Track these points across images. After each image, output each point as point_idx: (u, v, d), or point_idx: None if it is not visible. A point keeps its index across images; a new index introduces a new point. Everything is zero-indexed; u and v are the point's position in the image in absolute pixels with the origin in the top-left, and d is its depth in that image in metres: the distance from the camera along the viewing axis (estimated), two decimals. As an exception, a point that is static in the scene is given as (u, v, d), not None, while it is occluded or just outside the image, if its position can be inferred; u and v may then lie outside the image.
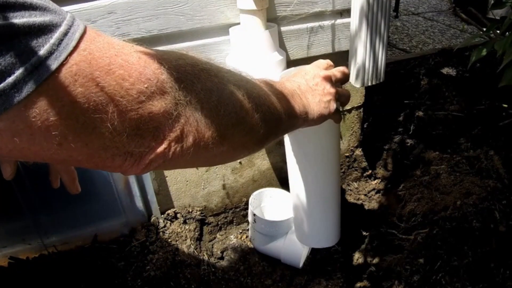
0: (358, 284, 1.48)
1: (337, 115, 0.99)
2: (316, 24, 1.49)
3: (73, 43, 0.42)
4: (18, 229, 1.45)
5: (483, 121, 1.64)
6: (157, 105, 0.49)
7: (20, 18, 0.38)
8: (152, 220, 1.59)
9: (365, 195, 1.86)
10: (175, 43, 1.35)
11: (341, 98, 0.98)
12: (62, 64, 0.40)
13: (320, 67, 0.98)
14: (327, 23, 1.50)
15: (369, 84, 1.54)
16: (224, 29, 1.37)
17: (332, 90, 0.92)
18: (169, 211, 1.62)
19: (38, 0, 0.40)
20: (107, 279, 1.41)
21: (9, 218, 1.42)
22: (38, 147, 0.42)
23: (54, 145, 0.43)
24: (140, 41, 1.28)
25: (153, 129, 0.50)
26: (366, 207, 1.83)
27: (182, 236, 1.57)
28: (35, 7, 0.40)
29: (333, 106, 0.92)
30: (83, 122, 0.43)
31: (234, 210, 1.77)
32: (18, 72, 0.37)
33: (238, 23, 1.33)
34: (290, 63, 1.44)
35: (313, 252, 1.64)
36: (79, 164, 0.48)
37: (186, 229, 1.60)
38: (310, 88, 0.88)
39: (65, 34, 0.42)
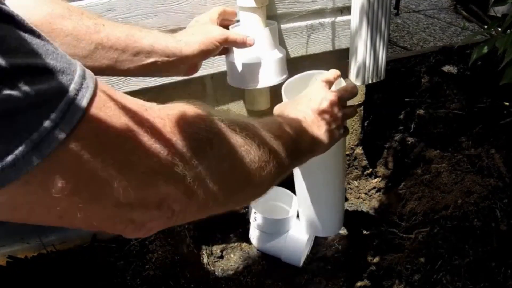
0: (359, 283, 1.48)
1: (345, 133, 0.99)
2: (316, 21, 1.48)
3: (79, 114, 0.38)
4: (16, 228, 1.44)
5: (484, 119, 1.64)
6: (164, 180, 0.47)
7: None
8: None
9: (366, 193, 1.86)
10: (174, 41, 1.34)
11: (347, 118, 0.98)
12: (64, 140, 0.36)
13: (328, 84, 0.96)
14: (327, 20, 1.50)
15: (370, 82, 1.54)
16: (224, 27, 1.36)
17: (339, 115, 0.91)
18: (168, 210, 1.61)
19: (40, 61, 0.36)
20: (106, 278, 1.40)
21: (7, 217, 1.41)
22: (38, 218, 0.41)
23: (55, 218, 0.41)
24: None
25: (159, 201, 0.48)
26: (366, 205, 1.83)
27: (181, 235, 1.57)
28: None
29: (340, 132, 0.92)
30: (86, 198, 0.41)
31: (234, 208, 1.76)
32: (18, 150, 0.34)
33: (238, 21, 1.32)
34: (290, 61, 1.43)
35: (314, 251, 1.64)
36: (81, 228, 0.45)
37: (186, 228, 1.59)
38: (316, 119, 0.87)
39: (71, 103, 0.37)
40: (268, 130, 0.68)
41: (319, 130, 0.86)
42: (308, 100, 0.89)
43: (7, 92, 0.32)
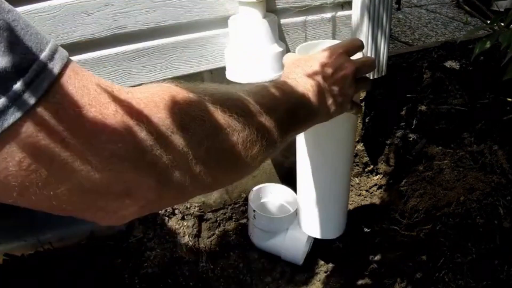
0: (360, 281, 1.47)
1: (355, 109, 0.92)
2: (316, 16, 1.47)
3: (35, 97, 0.37)
4: (13, 225, 1.43)
5: (487, 115, 1.62)
6: (132, 167, 0.44)
7: None
8: (149, 216, 1.57)
9: (367, 190, 1.85)
10: (173, 35, 1.33)
11: (360, 90, 0.92)
12: (24, 114, 0.36)
13: (349, 52, 0.86)
14: (328, 15, 1.48)
15: (371, 77, 1.52)
16: (223, 22, 1.35)
17: (351, 89, 0.84)
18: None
19: (9, 34, 0.36)
20: (104, 276, 1.40)
21: (3, 215, 1.40)
22: None
23: (14, 194, 0.39)
24: (137, 34, 1.27)
25: (127, 189, 0.45)
26: (367, 203, 1.82)
27: (180, 232, 1.56)
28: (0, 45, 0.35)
29: (347, 106, 0.86)
30: (45, 177, 0.39)
31: (233, 206, 1.75)
32: None
33: (238, 16, 1.31)
34: (290, 56, 1.42)
35: (314, 249, 1.62)
36: (45, 211, 0.43)
37: (184, 226, 1.58)
38: (325, 87, 0.79)
39: (30, 83, 0.36)
40: (260, 104, 0.63)
41: (325, 101, 0.80)
42: (323, 65, 0.81)
43: None
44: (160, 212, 1.58)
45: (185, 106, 0.51)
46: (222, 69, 1.39)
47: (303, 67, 0.81)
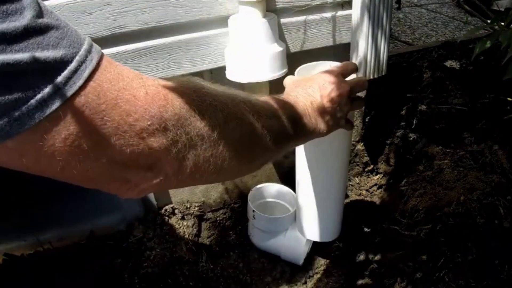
0: (360, 281, 1.46)
1: (348, 126, 0.99)
2: (316, 16, 1.46)
3: (80, 83, 0.43)
4: (13, 225, 1.44)
5: (487, 115, 1.62)
6: (158, 142, 0.51)
7: (34, 51, 0.40)
8: (149, 216, 1.57)
9: (367, 190, 1.84)
10: (173, 35, 1.32)
11: (354, 109, 0.99)
12: (70, 97, 0.43)
13: (344, 75, 0.95)
14: (328, 15, 1.48)
15: (371, 77, 1.52)
16: (223, 21, 1.34)
17: (346, 108, 0.92)
18: (166, 207, 1.60)
19: (55, 32, 0.43)
20: (104, 276, 1.39)
21: (3, 214, 1.41)
22: (41, 168, 0.45)
23: (57, 169, 0.45)
24: (137, 33, 1.27)
25: (152, 163, 0.52)
26: (367, 202, 1.81)
27: (180, 232, 1.56)
28: (50, 40, 0.42)
29: (342, 122, 0.93)
30: (85, 151, 0.45)
31: (233, 206, 1.74)
32: (29, 103, 0.40)
33: (237, 15, 1.31)
34: (290, 55, 1.42)
35: (314, 248, 1.62)
36: (77, 183, 0.50)
37: (184, 225, 1.58)
38: (322, 106, 0.86)
39: (75, 71, 0.43)
40: (266, 110, 0.71)
41: (323, 117, 0.86)
42: (321, 85, 0.88)
43: (19, 55, 0.39)
44: (160, 211, 1.58)
45: (203, 95, 0.59)
46: (222, 69, 1.39)
47: (303, 87, 0.88)
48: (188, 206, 1.63)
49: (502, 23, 1.40)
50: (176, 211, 1.61)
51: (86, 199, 1.48)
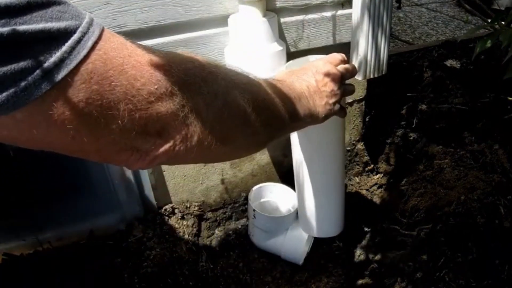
0: (360, 281, 1.46)
1: (342, 112, 1.02)
2: (317, 15, 1.46)
3: (85, 52, 0.44)
4: (12, 225, 1.43)
5: (487, 114, 1.62)
6: (165, 106, 0.52)
7: (38, 24, 0.41)
8: (149, 215, 1.56)
9: (367, 190, 1.84)
10: (173, 34, 1.32)
11: (346, 95, 1.02)
12: (77, 65, 0.44)
13: (333, 63, 0.98)
14: (328, 14, 1.48)
15: (371, 76, 1.52)
16: (223, 21, 1.34)
17: (339, 92, 0.95)
18: (166, 207, 1.60)
19: (57, 7, 0.44)
20: (104, 276, 1.39)
21: (3, 214, 1.40)
22: (53, 138, 0.46)
23: (68, 138, 0.46)
24: (137, 32, 1.27)
25: (160, 128, 0.53)
26: (368, 202, 1.81)
27: (180, 232, 1.55)
28: (53, 14, 0.43)
29: (337, 107, 0.95)
30: (95, 118, 0.46)
31: (233, 205, 1.74)
32: (36, 73, 0.41)
33: (237, 14, 1.31)
34: (290, 54, 1.42)
35: (314, 248, 1.62)
36: (88, 156, 0.52)
37: (184, 225, 1.58)
38: (318, 89, 0.90)
39: (78, 41, 0.44)
40: (267, 85, 0.74)
41: (320, 101, 0.89)
42: (314, 71, 0.92)
43: (23, 27, 0.40)
44: (159, 211, 1.58)
45: (204, 63, 0.61)
46: (222, 68, 1.38)
47: (297, 75, 0.92)
48: (188, 206, 1.63)
49: (503, 22, 1.40)
50: (176, 210, 1.60)
51: (86, 198, 1.48)
